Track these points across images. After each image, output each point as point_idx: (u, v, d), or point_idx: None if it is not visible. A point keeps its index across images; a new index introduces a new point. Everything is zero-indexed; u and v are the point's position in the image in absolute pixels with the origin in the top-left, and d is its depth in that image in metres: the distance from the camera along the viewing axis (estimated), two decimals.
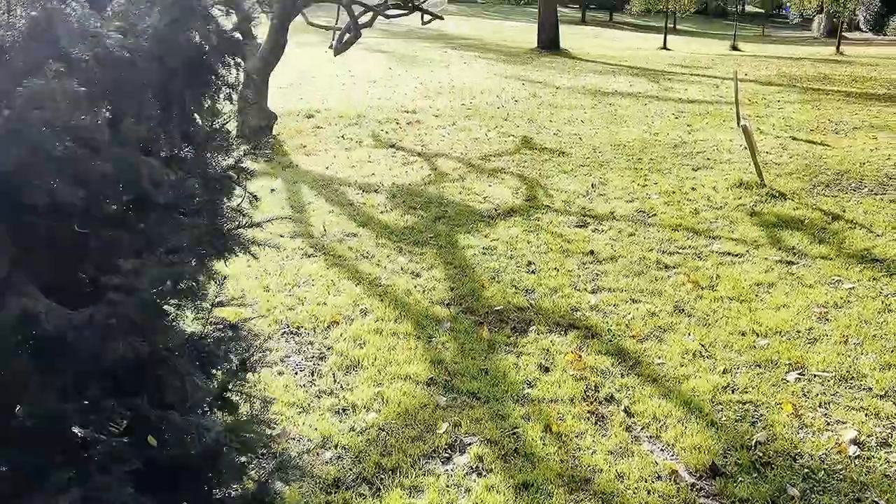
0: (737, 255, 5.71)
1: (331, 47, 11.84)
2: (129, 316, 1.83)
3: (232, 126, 2.93)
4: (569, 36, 33.46)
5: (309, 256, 5.52)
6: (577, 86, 17.12)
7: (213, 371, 2.36)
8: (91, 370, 1.88)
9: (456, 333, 4.25)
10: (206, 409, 2.34)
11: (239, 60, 2.96)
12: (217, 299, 2.49)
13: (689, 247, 5.93)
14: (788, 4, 36.12)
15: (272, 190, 7.34)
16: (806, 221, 6.55)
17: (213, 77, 2.33)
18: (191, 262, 2.26)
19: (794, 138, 10.61)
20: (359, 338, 4.16)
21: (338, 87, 15.69)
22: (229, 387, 2.40)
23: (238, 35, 2.70)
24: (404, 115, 12.28)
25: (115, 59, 1.93)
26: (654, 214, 6.86)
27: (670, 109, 13.54)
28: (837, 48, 28.72)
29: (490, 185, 7.88)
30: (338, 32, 11.83)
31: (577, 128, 11.52)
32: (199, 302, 2.32)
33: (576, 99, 14.88)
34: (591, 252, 5.76)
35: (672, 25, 41.04)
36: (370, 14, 11.60)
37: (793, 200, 7.24)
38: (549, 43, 27.38)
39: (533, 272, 5.34)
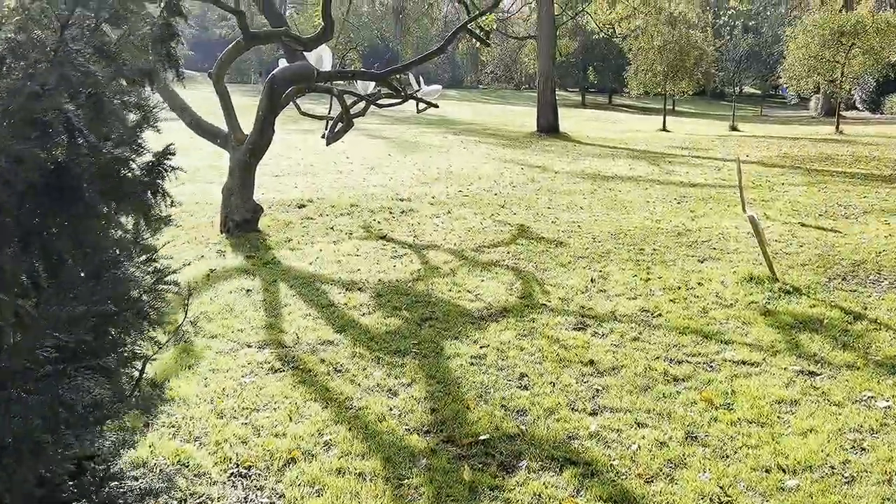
0: (752, 365, 5.13)
1: (323, 136, 11.58)
2: None
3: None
4: (568, 119, 33.75)
5: (275, 372, 4.96)
6: (577, 170, 16.88)
7: None
8: None
9: (433, 473, 3.64)
10: None
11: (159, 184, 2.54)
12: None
13: (700, 354, 5.35)
14: (786, 86, 36.50)
15: (248, 291, 6.85)
16: (825, 322, 5.99)
17: (87, 208, 1.87)
18: None
19: (802, 224, 10.16)
20: (317, 480, 3.56)
21: (334, 174, 15.46)
22: None
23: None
24: (399, 203, 11.93)
25: None
26: (660, 314, 6.31)
27: (672, 194, 13.18)
28: (837, 127, 28.74)
29: (483, 280, 7.38)
30: (331, 121, 11.61)
31: (576, 215, 11.12)
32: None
33: (575, 184, 14.57)
34: (591, 362, 5.19)
35: (671, 107, 41.52)
36: (363, 103, 11.40)
37: (808, 296, 6.70)
38: (548, 126, 27.50)
39: (526, 387, 4.77)
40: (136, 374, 3.20)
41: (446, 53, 66.21)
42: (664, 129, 31.19)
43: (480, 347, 5.48)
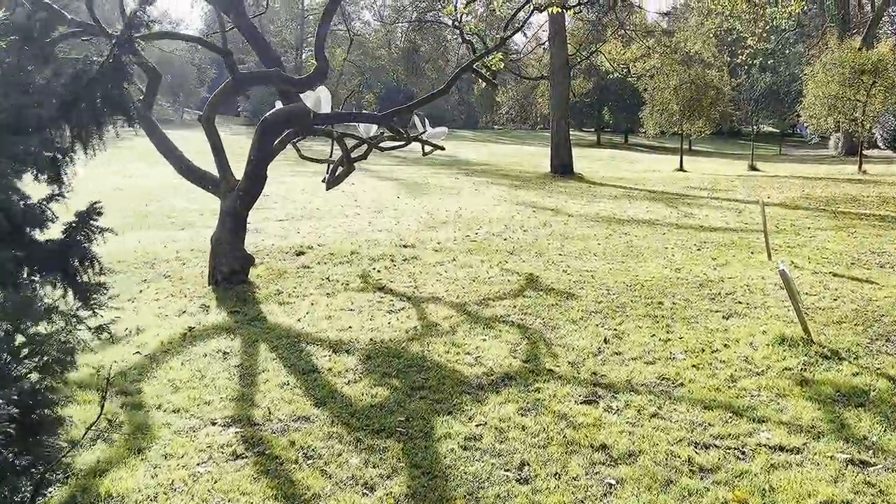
0: (792, 452, 4.40)
1: (324, 181, 11.06)
2: None
3: None
4: (583, 159, 33.26)
5: (237, 458, 4.30)
6: (591, 213, 16.25)
7: None
8: None
9: None
10: None
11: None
12: None
13: (729, 435, 4.63)
14: (805, 124, 35.86)
15: (224, 354, 6.21)
16: (873, 394, 5.25)
17: None
18: None
19: (834, 274, 9.42)
20: None
21: (340, 218, 14.95)
22: None
23: None
24: (402, 250, 11.33)
25: None
26: (681, 383, 5.60)
27: (692, 239, 12.49)
28: (860, 167, 27.99)
29: (485, 340, 6.71)
30: (332, 165, 11.10)
31: (589, 262, 10.45)
32: None
33: (589, 227, 13.93)
34: (604, 446, 4.48)
35: (688, 146, 40.95)
36: (366, 146, 10.89)
37: (850, 362, 5.96)
38: (562, 167, 27.01)
39: (526, 481, 4.06)
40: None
41: (461, 95, 66.26)
42: (681, 168, 30.58)
43: (476, 426, 4.80)
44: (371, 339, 6.70)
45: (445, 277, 9.44)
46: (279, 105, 9.78)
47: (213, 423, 4.79)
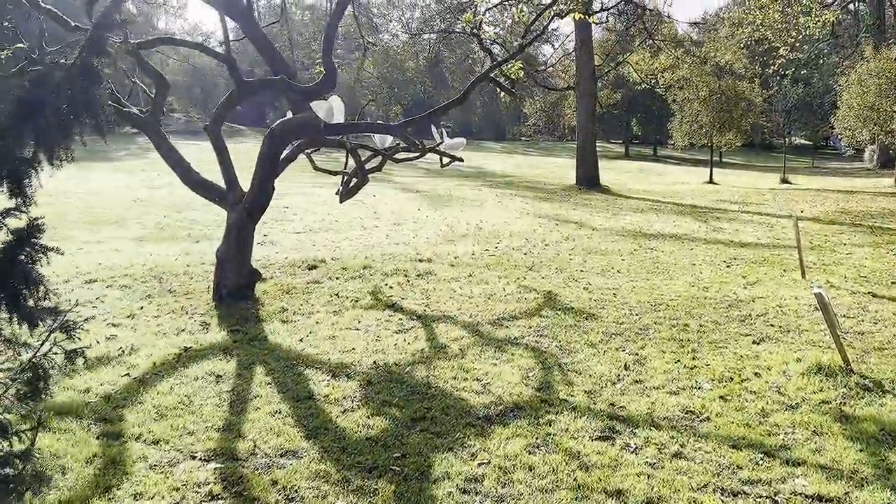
0: (831, 502, 3.90)
1: (337, 193, 10.72)
2: None
3: None
4: (610, 171, 32.65)
5: (212, 500, 3.92)
6: (616, 227, 15.73)
7: None
8: None
9: None
10: None
11: None
12: None
13: (760, 482, 4.14)
14: (839, 136, 34.90)
15: (217, 378, 5.85)
16: None
17: None
18: None
19: (873, 295, 8.84)
20: None
21: (357, 231, 14.61)
22: None
23: None
24: (417, 264, 10.94)
25: None
26: (707, 417, 5.11)
27: (720, 255, 11.93)
28: None
29: (495, 365, 6.28)
30: (346, 177, 10.77)
31: (611, 279, 9.96)
32: None
33: (613, 242, 13.42)
34: (619, 492, 4.02)
35: (718, 158, 40.13)
36: (379, 158, 10.55)
37: (894, 395, 5.43)
38: (587, 179, 26.49)
39: None
40: None
41: (489, 106, 65.94)
42: (711, 181, 29.88)
43: (479, 464, 4.36)
44: (374, 363, 6.31)
45: (459, 294, 9.03)
46: (289, 115, 9.48)
47: (193, 457, 4.42)
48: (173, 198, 19.46)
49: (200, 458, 4.40)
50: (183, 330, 7.28)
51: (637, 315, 7.98)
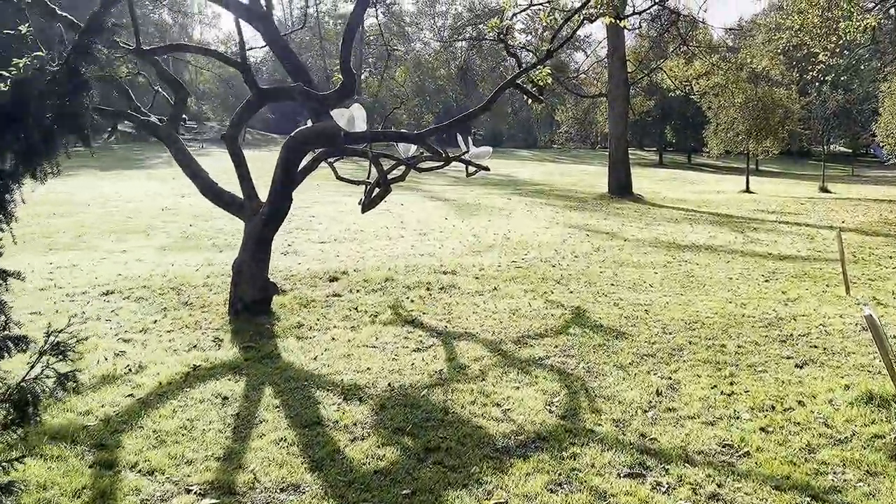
0: None
1: (360, 203, 10.45)
2: None
3: None
4: (644, 179, 32.01)
5: None
6: (649, 237, 15.23)
7: None
8: None
9: None
10: None
11: None
12: None
13: None
14: (881, 144, 33.82)
15: (224, 399, 5.57)
16: None
17: None
18: None
19: None
20: None
21: (383, 241, 14.33)
22: None
23: None
24: (440, 277, 10.61)
25: None
26: (747, 452, 4.68)
27: (759, 269, 11.40)
28: None
29: (518, 388, 5.90)
30: (368, 187, 10.49)
31: (643, 294, 9.52)
32: None
33: (645, 254, 12.95)
34: None
35: (754, 166, 39.21)
36: (402, 167, 10.26)
37: None
38: (620, 188, 25.95)
39: None
40: None
41: (521, 113, 65.48)
42: (747, 189, 29.13)
43: None
44: (389, 385, 5.97)
45: (483, 310, 8.67)
46: (309, 123, 9.22)
47: (188, 491, 4.12)
48: (200, 207, 19.39)
49: (196, 493, 4.10)
50: (195, 346, 7.03)
51: (670, 334, 7.55)
